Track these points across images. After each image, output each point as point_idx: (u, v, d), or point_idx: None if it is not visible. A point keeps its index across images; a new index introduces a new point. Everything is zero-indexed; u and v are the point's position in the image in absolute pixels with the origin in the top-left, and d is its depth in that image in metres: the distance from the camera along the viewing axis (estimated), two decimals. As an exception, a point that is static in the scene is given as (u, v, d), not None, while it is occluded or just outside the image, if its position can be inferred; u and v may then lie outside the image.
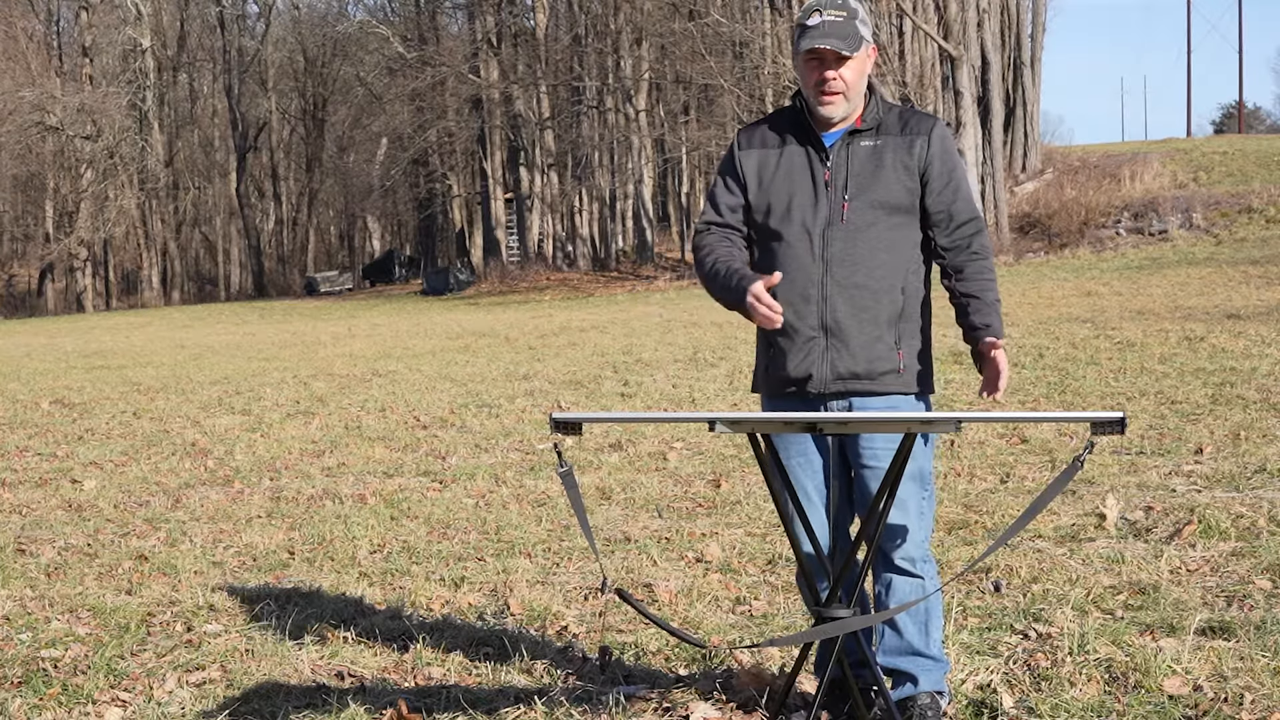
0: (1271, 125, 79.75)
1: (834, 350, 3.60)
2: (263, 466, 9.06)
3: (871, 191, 3.62)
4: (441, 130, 50.22)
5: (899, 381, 3.64)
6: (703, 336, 18.45)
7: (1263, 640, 4.22)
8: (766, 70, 38.38)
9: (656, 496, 7.26)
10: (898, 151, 3.65)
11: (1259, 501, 6.24)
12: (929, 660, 3.77)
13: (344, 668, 4.53)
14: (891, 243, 3.64)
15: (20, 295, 59.96)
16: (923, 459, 3.69)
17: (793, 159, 3.69)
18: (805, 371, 3.62)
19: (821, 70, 3.60)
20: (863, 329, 3.60)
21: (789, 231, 3.65)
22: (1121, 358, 12.33)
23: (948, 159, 3.70)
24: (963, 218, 3.70)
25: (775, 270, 3.60)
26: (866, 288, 3.60)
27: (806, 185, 3.66)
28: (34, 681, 4.46)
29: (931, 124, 3.70)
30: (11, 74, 53.89)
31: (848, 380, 3.62)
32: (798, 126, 3.72)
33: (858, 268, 3.60)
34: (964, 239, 3.69)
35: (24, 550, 6.59)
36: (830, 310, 3.60)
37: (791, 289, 3.61)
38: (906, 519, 3.69)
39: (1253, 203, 33.34)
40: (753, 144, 3.76)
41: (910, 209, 3.66)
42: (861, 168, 3.64)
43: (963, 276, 3.69)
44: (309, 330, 28.25)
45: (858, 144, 3.66)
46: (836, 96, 3.61)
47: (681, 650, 4.53)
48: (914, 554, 3.72)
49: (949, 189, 3.68)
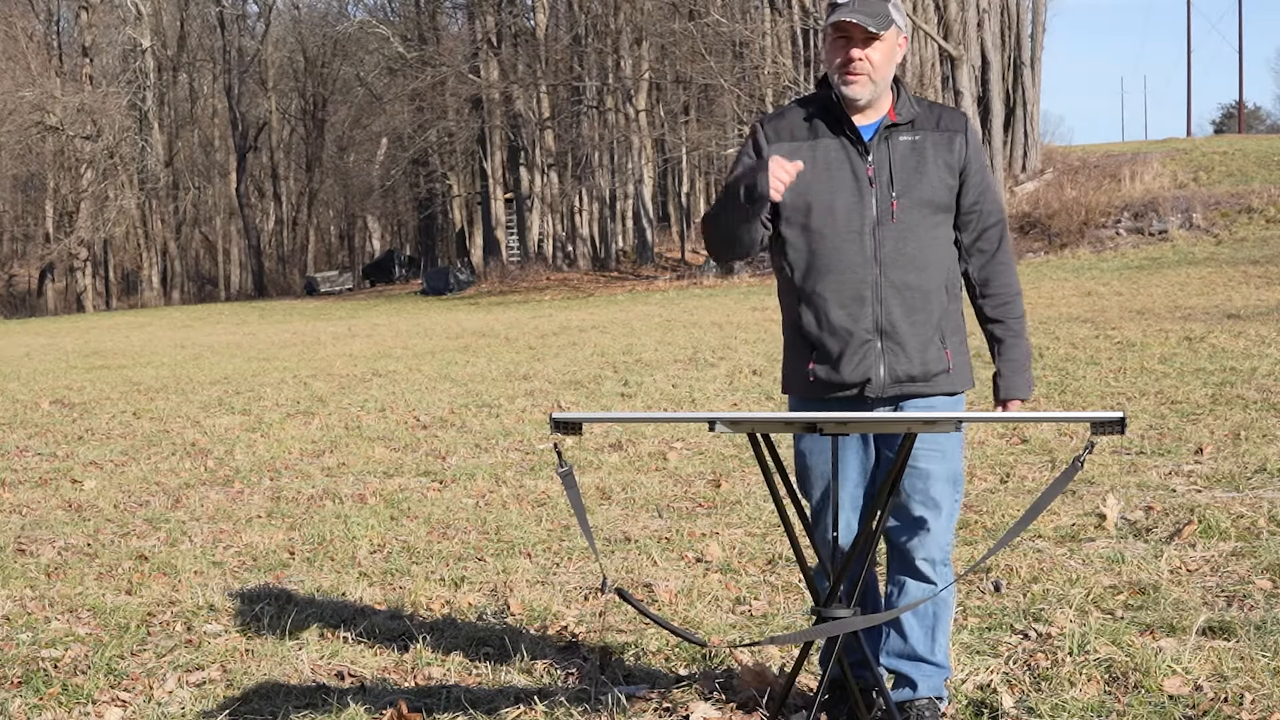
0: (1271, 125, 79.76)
1: (890, 353, 3.53)
2: (263, 466, 9.06)
3: (917, 189, 3.53)
4: (441, 130, 50.21)
5: (948, 381, 3.62)
6: (703, 336, 18.44)
7: (1263, 640, 4.22)
8: (766, 70, 38.39)
9: (656, 496, 7.26)
10: (938, 148, 3.56)
11: (1259, 501, 6.24)
12: (930, 666, 3.76)
13: (344, 668, 4.53)
14: (937, 241, 3.58)
15: (20, 295, 59.95)
16: (956, 460, 3.68)
17: (828, 152, 3.54)
18: (864, 375, 3.53)
19: (848, 48, 3.48)
20: (916, 331, 3.54)
21: (835, 231, 3.51)
22: (1121, 358, 12.33)
23: (981, 157, 3.66)
24: (992, 219, 3.66)
25: (823, 271, 3.51)
26: (919, 289, 3.54)
27: (848, 181, 3.52)
28: (34, 681, 4.46)
29: (964, 120, 3.64)
30: (11, 74, 53.87)
31: (904, 384, 3.56)
32: (829, 116, 3.57)
33: (909, 268, 3.52)
34: (993, 242, 3.66)
35: (24, 550, 6.59)
36: (885, 312, 3.51)
37: (842, 290, 3.51)
38: (938, 521, 3.67)
39: (1253, 203, 33.32)
40: (780, 136, 3.58)
41: (949, 207, 3.60)
42: (904, 164, 3.53)
43: (994, 301, 3.68)
44: (309, 330, 28.25)
45: (896, 138, 3.55)
46: (861, 77, 3.48)
47: (681, 650, 4.53)
48: (936, 556, 3.70)
49: (982, 187, 3.63)
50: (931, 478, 3.63)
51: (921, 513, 3.64)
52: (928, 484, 3.63)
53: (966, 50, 35.22)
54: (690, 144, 44.30)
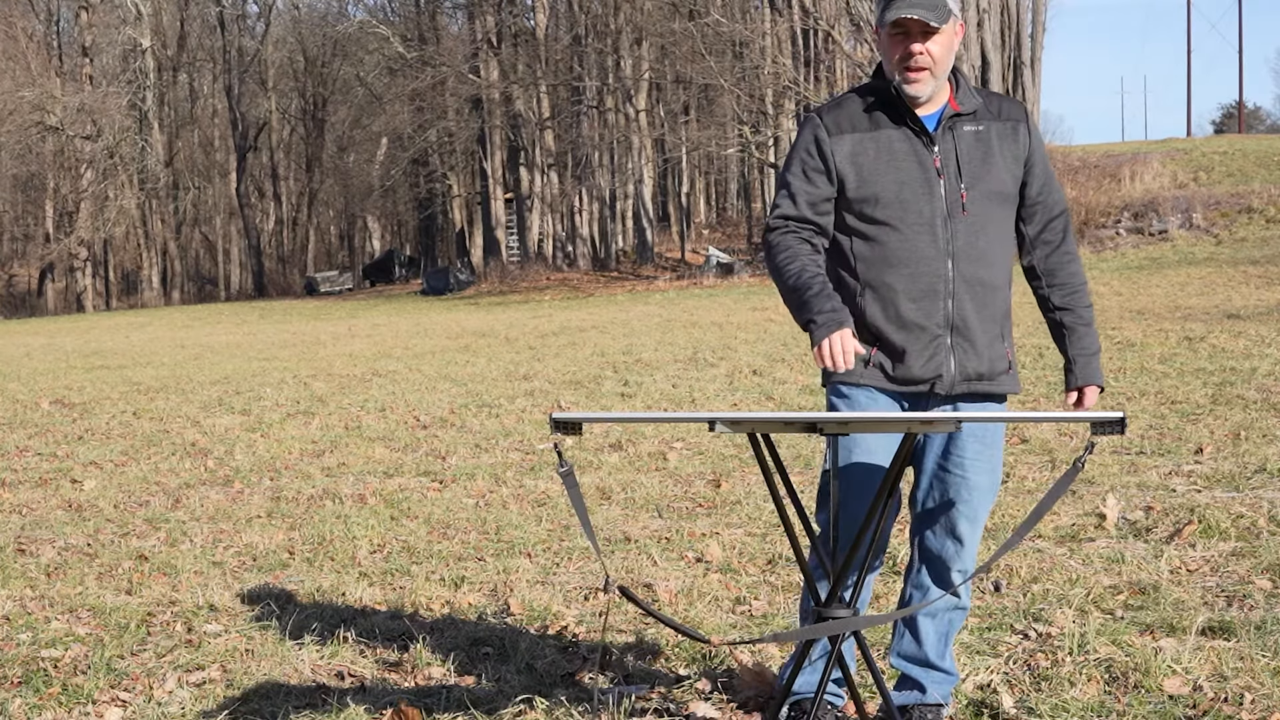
0: (1271, 125, 79.75)
1: (960, 350, 3.46)
2: (263, 466, 9.06)
3: (986, 181, 3.44)
4: (441, 130, 50.22)
5: (1009, 381, 3.57)
6: (703, 336, 18.44)
7: (1263, 640, 4.21)
8: (766, 70, 38.39)
9: (656, 496, 7.26)
10: (1004, 139, 3.47)
11: (1259, 501, 6.24)
12: (940, 673, 3.75)
13: (344, 668, 4.53)
14: (1004, 235, 3.51)
15: (20, 295, 59.95)
16: (1000, 473, 3.65)
17: (892, 143, 3.42)
18: (935, 371, 3.45)
19: (907, 44, 3.34)
20: (985, 327, 3.47)
21: (905, 223, 3.40)
22: (1121, 358, 12.33)
23: (1042, 147, 3.56)
24: (1057, 209, 3.57)
25: (893, 264, 3.40)
26: (989, 284, 3.46)
27: (915, 171, 3.41)
28: (34, 681, 4.46)
29: (1024, 110, 3.55)
30: (11, 74, 53.87)
31: (973, 381, 3.49)
32: (889, 106, 3.44)
33: (980, 262, 3.44)
34: (1058, 233, 3.58)
35: (24, 550, 6.59)
36: (958, 307, 3.43)
37: (914, 284, 3.41)
38: (976, 533, 3.64)
39: (1253, 203, 33.32)
40: (841, 128, 3.44)
41: (1014, 199, 3.52)
42: (970, 155, 3.43)
43: (1062, 290, 3.59)
44: (309, 330, 28.24)
45: (961, 129, 3.44)
46: (923, 73, 3.35)
47: (681, 650, 4.53)
48: (969, 567, 3.66)
49: (1046, 177, 3.55)
50: (981, 490, 3.59)
51: (966, 527, 3.61)
52: (977, 497, 3.59)
53: (966, 50, 35.21)
54: (690, 144, 44.32)
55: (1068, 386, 3.65)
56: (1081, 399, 3.63)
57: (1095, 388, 3.62)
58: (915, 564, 3.74)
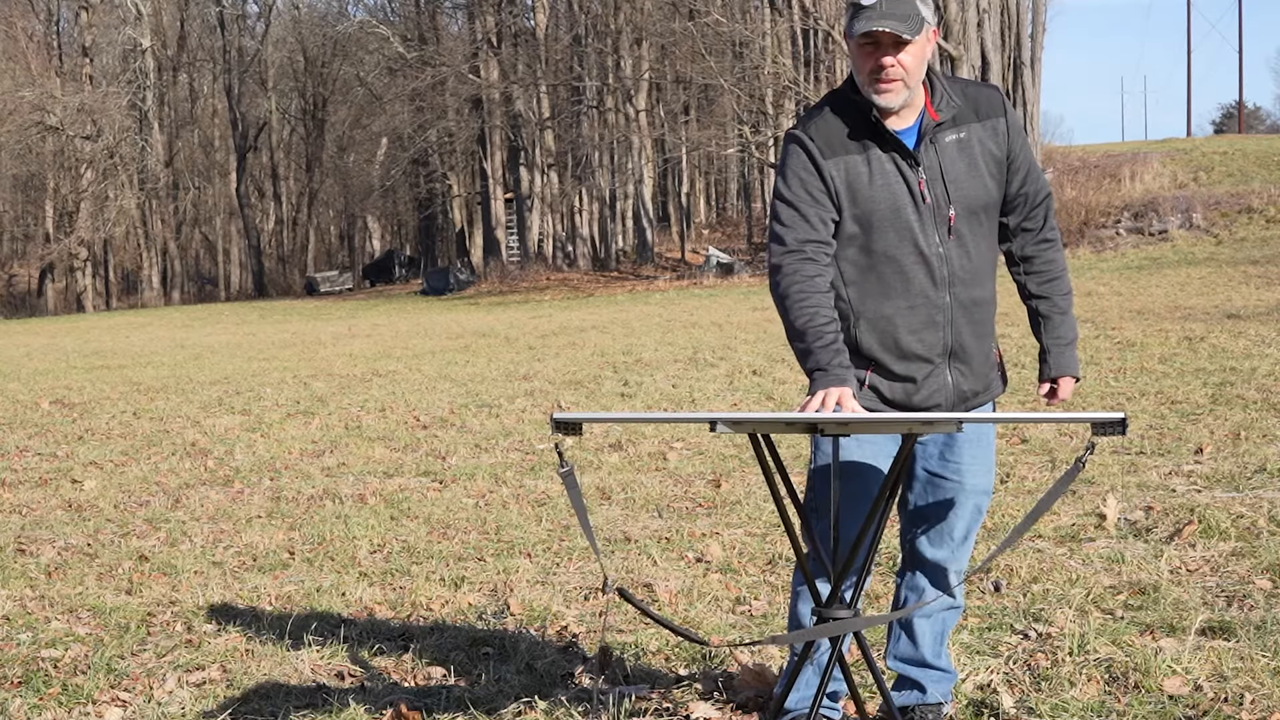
0: (1271, 125, 79.75)
1: (956, 373, 3.43)
2: (263, 466, 9.06)
3: (969, 194, 3.35)
4: (441, 130, 50.24)
5: (996, 383, 3.56)
6: (703, 336, 18.44)
7: (1263, 640, 4.21)
8: (766, 70, 38.39)
9: (656, 496, 7.26)
10: (984, 142, 3.37)
11: (1259, 501, 6.24)
12: (938, 672, 3.75)
13: (344, 668, 4.53)
14: (989, 245, 3.45)
15: (20, 295, 59.94)
16: (993, 474, 3.65)
17: (882, 164, 3.31)
18: (933, 401, 3.42)
19: (878, 56, 3.21)
20: (979, 345, 3.45)
21: (902, 254, 3.33)
22: (1121, 358, 12.33)
23: (1021, 133, 3.44)
24: (1039, 197, 3.49)
25: (890, 295, 3.33)
26: (981, 302, 3.43)
27: (905, 197, 3.31)
28: (34, 681, 4.46)
29: (999, 98, 3.42)
30: (11, 74, 53.90)
31: (969, 399, 3.48)
32: (868, 124, 3.31)
33: (974, 284, 3.40)
34: (1039, 219, 3.50)
35: (24, 550, 6.59)
36: (955, 333, 3.40)
37: (914, 316, 3.35)
38: (973, 534, 3.64)
39: (1253, 203, 33.34)
40: (835, 150, 3.31)
41: (998, 202, 3.44)
42: (953, 168, 3.33)
43: (1039, 278, 3.52)
44: (309, 330, 28.24)
45: (942, 140, 3.33)
46: (895, 84, 3.23)
47: (681, 650, 4.53)
48: (965, 568, 3.67)
49: (1027, 167, 3.46)
50: (978, 492, 3.59)
51: (964, 529, 3.61)
52: (975, 499, 3.59)
53: (966, 50, 35.22)
54: (690, 144, 44.32)
55: (1041, 377, 3.58)
56: (1055, 391, 3.57)
57: (1070, 379, 3.55)
58: (909, 566, 3.73)
